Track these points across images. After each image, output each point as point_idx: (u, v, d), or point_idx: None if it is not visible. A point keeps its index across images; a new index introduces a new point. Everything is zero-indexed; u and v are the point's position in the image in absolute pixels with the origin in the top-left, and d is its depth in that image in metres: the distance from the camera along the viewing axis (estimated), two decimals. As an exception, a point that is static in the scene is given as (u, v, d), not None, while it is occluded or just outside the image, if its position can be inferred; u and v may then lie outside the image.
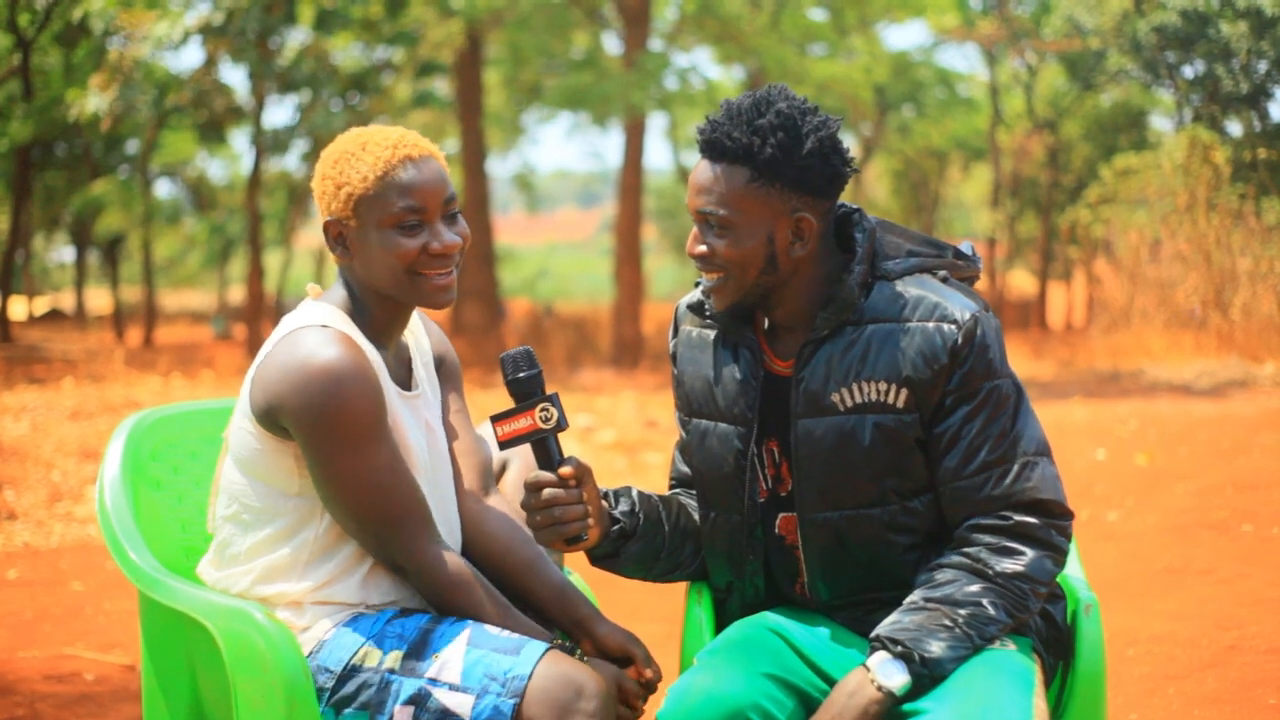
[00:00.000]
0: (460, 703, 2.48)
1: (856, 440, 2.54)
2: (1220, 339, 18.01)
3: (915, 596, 2.47)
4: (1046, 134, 33.59)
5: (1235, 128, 22.77)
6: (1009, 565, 2.47)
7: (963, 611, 2.43)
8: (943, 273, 2.62)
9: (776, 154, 2.49)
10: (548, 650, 2.51)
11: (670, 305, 34.85)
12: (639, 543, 2.71)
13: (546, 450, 2.54)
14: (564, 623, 2.70)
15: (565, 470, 2.52)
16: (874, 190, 44.64)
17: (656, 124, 33.16)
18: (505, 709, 2.45)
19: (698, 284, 2.80)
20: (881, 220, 2.66)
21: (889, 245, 2.62)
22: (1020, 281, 44.76)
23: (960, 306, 2.52)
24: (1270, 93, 22.23)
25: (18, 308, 37.35)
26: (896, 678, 2.37)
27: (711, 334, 2.72)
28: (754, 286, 2.56)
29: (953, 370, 2.50)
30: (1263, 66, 22.07)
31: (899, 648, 2.39)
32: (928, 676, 2.38)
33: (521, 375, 2.53)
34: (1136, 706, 4.51)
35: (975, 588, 2.46)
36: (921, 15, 32.32)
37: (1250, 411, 12.18)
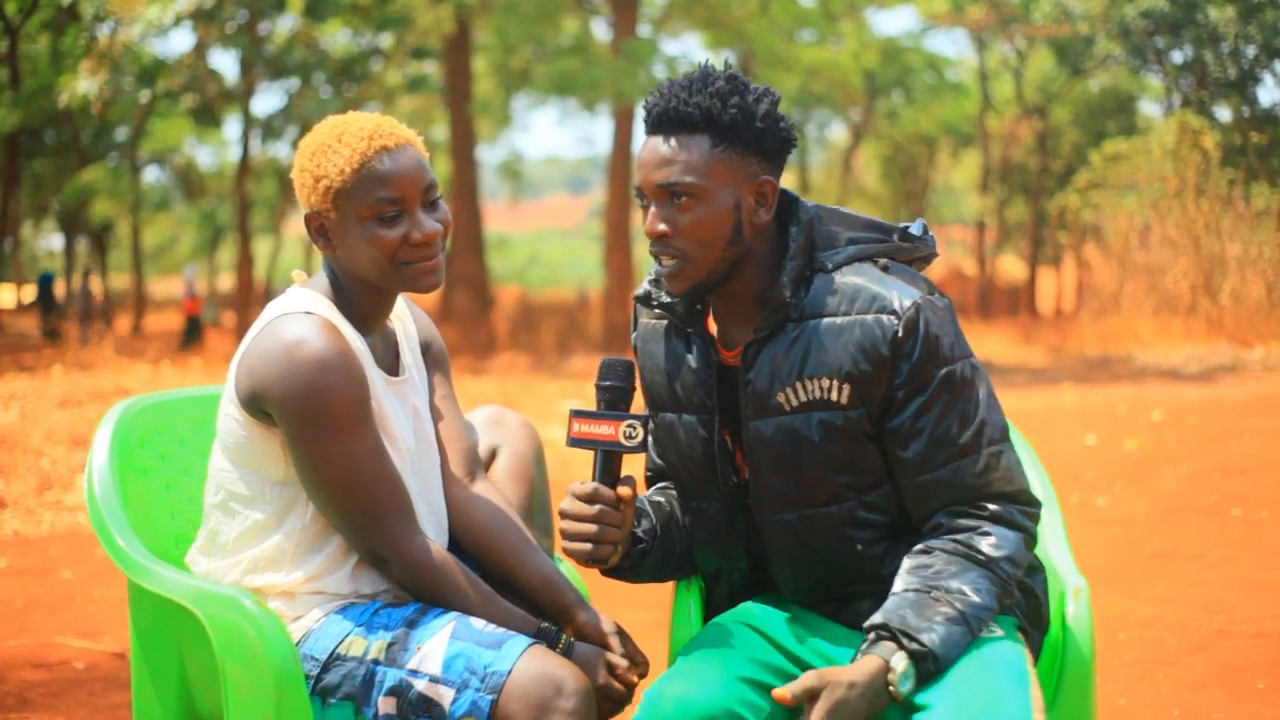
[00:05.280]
0: (440, 695, 2.47)
1: (805, 439, 2.51)
2: (1209, 324, 18.06)
3: (916, 582, 2.41)
4: (1036, 119, 33.63)
5: (1224, 113, 22.80)
6: (998, 550, 2.43)
7: (966, 601, 2.38)
8: (884, 260, 2.56)
9: (737, 116, 2.47)
10: (530, 646, 2.50)
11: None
12: (656, 555, 2.69)
13: (612, 465, 2.48)
14: (549, 610, 2.69)
15: (624, 491, 2.47)
16: (863, 176, 44.67)
17: (646, 110, 33.09)
18: (483, 704, 2.44)
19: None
20: (821, 207, 2.61)
21: (827, 235, 2.58)
22: (1010, 267, 44.80)
23: (900, 295, 2.46)
24: (1258, 77, 22.27)
25: (6, 295, 37.26)
26: (909, 683, 2.31)
27: (663, 324, 2.69)
28: (719, 263, 2.51)
29: (897, 363, 2.45)
30: (1251, 51, 22.10)
31: (913, 644, 2.32)
32: (933, 674, 2.35)
33: (617, 385, 2.49)
34: (1126, 691, 4.52)
35: (973, 574, 2.41)
36: (910, 1, 32.31)
37: (1239, 396, 12.21)
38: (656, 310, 2.69)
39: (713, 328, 2.65)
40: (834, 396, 2.48)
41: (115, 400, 11.44)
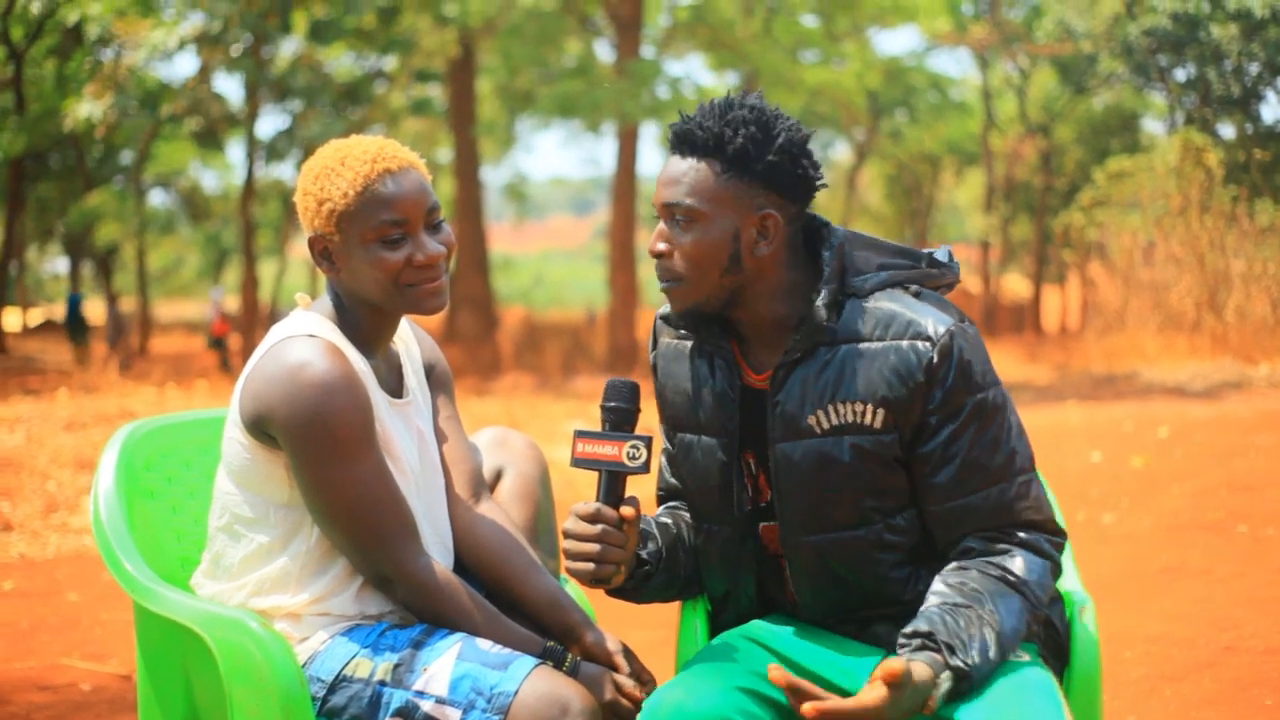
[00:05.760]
0: (447, 716, 2.48)
1: (835, 462, 2.50)
2: (1214, 341, 18.04)
3: (957, 596, 2.40)
4: (1039, 138, 33.65)
5: (1227, 130, 22.82)
6: (1029, 574, 2.44)
7: (1001, 623, 2.37)
8: (915, 286, 2.57)
9: (748, 146, 2.47)
10: (536, 666, 2.50)
11: (665, 311, 34.86)
12: (660, 578, 2.69)
13: (616, 486, 2.49)
14: (555, 630, 2.70)
15: (627, 512, 2.47)
16: (867, 195, 44.72)
17: (650, 130, 33.18)
18: (489, 725, 2.45)
19: None
20: (851, 233, 2.61)
21: (858, 260, 2.58)
22: (1014, 285, 44.80)
23: (935, 321, 2.48)
24: (1261, 95, 22.30)
25: (12, 319, 37.29)
26: (944, 700, 2.30)
27: (688, 345, 2.69)
28: (717, 288, 2.52)
29: (931, 389, 2.46)
30: (1254, 69, 22.13)
31: (956, 659, 2.30)
32: (965, 693, 2.33)
33: (622, 406, 2.50)
34: (1134, 708, 4.51)
35: (1007, 596, 2.41)
36: (913, 20, 32.40)
37: (1245, 413, 12.20)
38: (681, 330, 2.70)
39: (736, 350, 2.64)
40: (867, 420, 2.48)
41: (121, 423, 11.46)
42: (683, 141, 2.52)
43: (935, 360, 2.45)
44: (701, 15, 26.81)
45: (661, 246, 2.53)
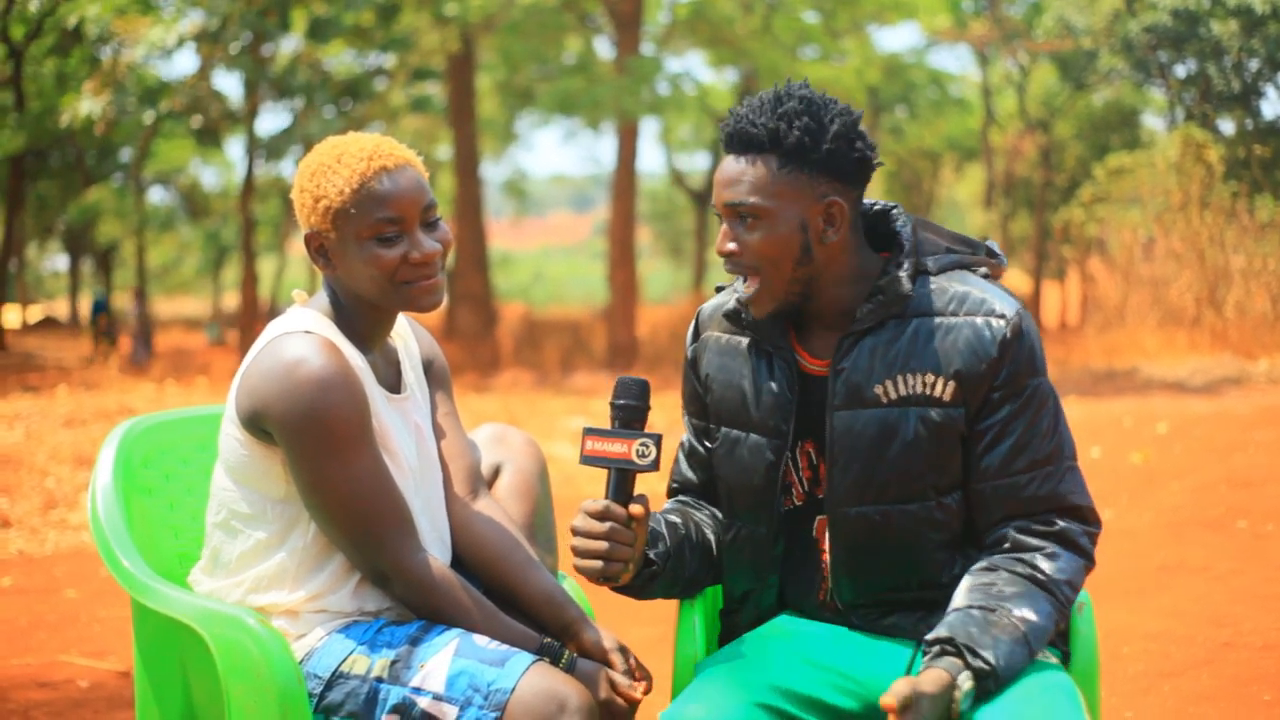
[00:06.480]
0: (444, 713, 2.47)
1: (899, 433, 2.51)
2: (1214, 336, 18.02)
3: (980, 599, 2.42)
4: (1039, 134, 33.62)
5: (1228, 126, 22.80)
6: (1061, 573, 2.45)
7: (1028, 622, 2.39)
8: (983, 270, 2.62)
9: (803, 138, 2.49)
10: (533, 663, 2.50)
11: (663, 308, 34.85)
12: (667, 577, 2.68)
13: (625, 484, 2.48)
14: (552, 627, 2.69)
15: (636, 509, 2.47)
16: (869, 191, 44.67)
17: (649, 127, 33.25)
18: (487, 722, 2.45)
19: (719, 288, 2.79)
20: (917, 218, 2.65)
21: (928, 241, 2.61)
22: (1014, 281, 44.75)
23: (1005, 303, 2.52)
24: (1262, 91, 22.28)
25: (11, 315, 37.29)
26: (970, 701, 2.30)
27: (743, 341, 2.69)
28: (791, 282, 2.53)
29: (1001, 365, 2.49)
30: (1254, 65, 22.11)
31: (978, 661, 2.31)
32: (991, 692, 2.35)
33: (631, 404, 2.48)
34: (1132, 704, 4.51)
35: (1036, 595, 2.43)
36: (913, 17, 32.37)
37: (1245, 409, 12.20)
38: (743, 328, 2.69)
39: (794, 341, 2.65)
40: (937, 392, 2.51)
41: (120, 419, 11.46)
42: (737, 140, 2.53)
43: (1009, 336, 2.49)
44: (701, 12, 26.78)
45: (731, 246, 2.54)
